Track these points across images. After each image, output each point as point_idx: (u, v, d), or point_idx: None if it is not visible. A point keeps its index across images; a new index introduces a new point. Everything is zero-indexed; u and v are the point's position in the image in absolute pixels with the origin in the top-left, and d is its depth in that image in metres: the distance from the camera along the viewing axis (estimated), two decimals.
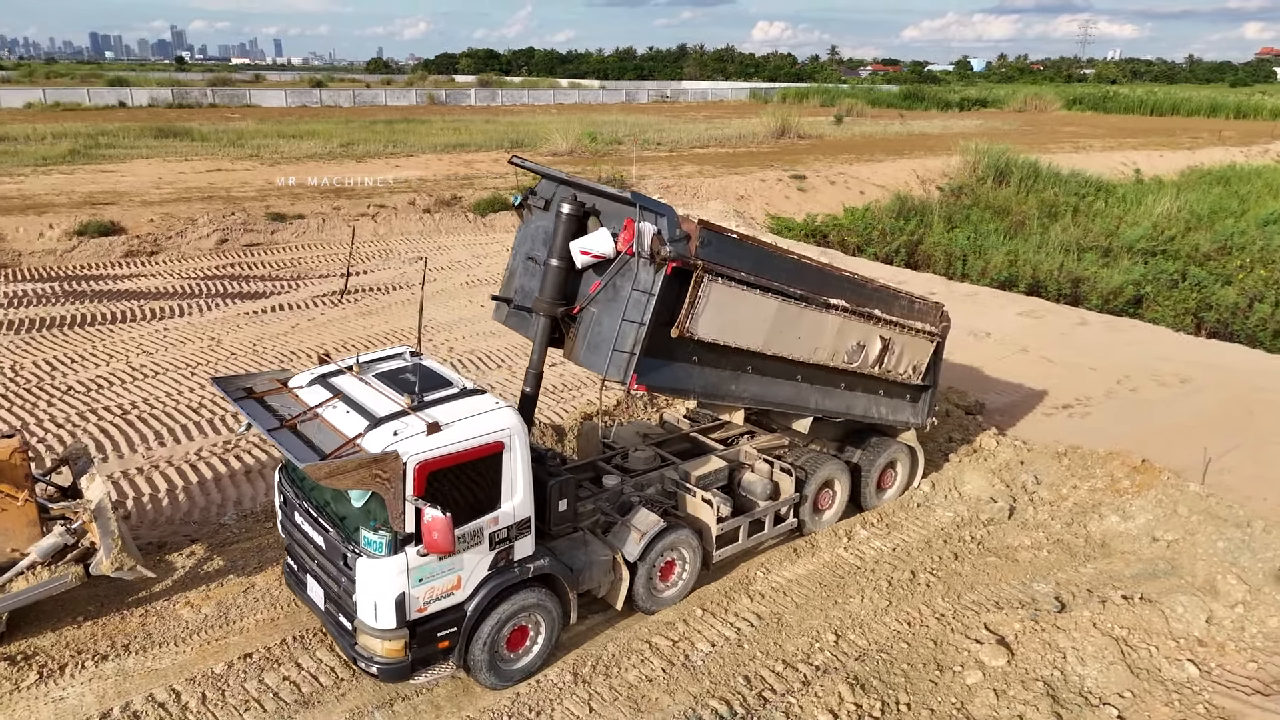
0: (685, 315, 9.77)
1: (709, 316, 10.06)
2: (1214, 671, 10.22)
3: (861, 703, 9.28)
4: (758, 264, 10.53)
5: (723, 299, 10.13)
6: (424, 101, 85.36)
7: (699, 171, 43.11)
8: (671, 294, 9.68)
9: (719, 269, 9.98)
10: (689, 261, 9.60)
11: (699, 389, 10.52)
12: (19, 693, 9.10)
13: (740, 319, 10.44)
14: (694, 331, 9.96)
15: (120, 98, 74.34)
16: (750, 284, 10.36)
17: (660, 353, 9.87)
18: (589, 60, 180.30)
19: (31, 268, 26.58)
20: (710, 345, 10.31)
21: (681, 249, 9.55)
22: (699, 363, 10.34)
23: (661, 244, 9.39)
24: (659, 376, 9.92)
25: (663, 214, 9.59)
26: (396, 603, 8.35)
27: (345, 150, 47.78)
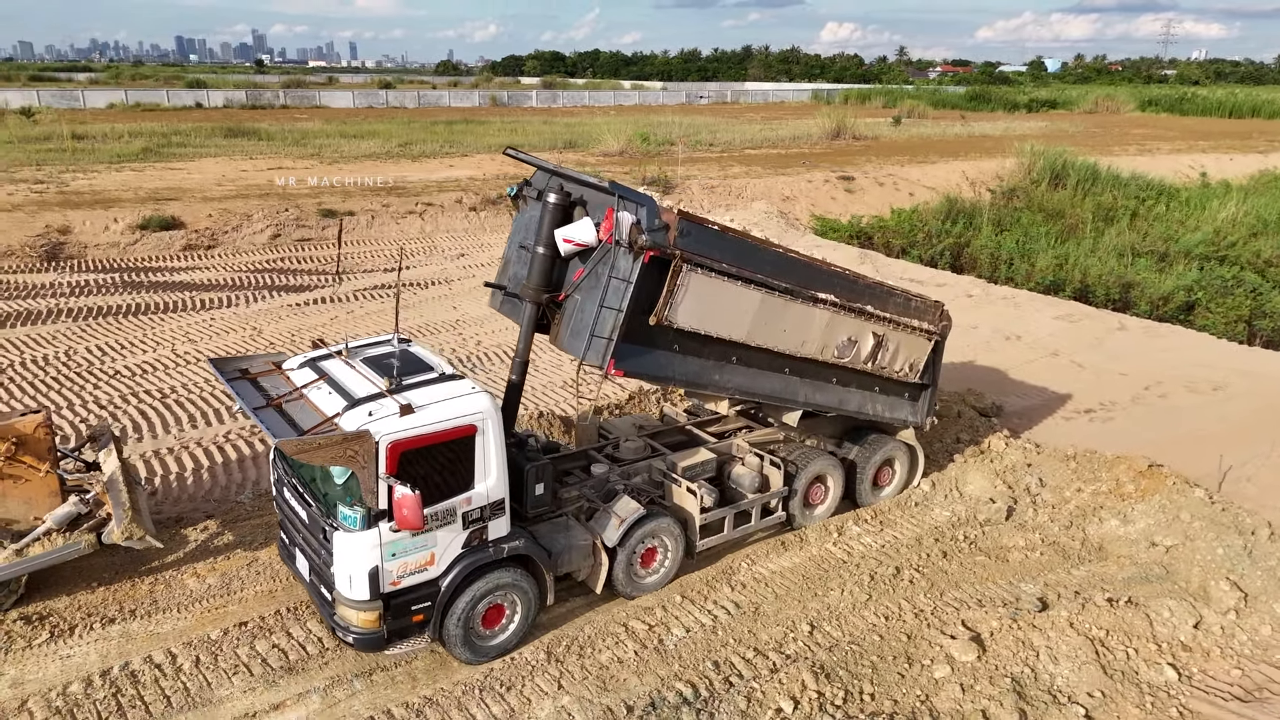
0: (664, 304, 10.03)
1: (688, 306, 10.30)
2: (1195, 677, 10.12)
3: (824, 691, 9.43)
4: (740, 256, 10.73)
5: (703, 289, 10.36)
6: (486, 103, 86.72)
7: (746, 172, 43.18)
8: (650, 282, 9.95)
9: (698, 259, 10.22)
10: (667, 251, 9.86)
11: (680, 377, 10.76)
12: (30, 649, 9.79)
13: (722, 309, 10.65)
14: (673, 320, 10.21)
15: (197, 99, 77.08)
16: (732, 275, 10.56)
17: (640, 339, 10.14)
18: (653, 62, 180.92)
19: (96, 259, 27.93)
20: (691, 334, 10.54)
21: (660, 238, 9.82)
22: (680, 351, 10.58)
23: (640, 233, 9.68)
24: (638, 363, 10.20)
25: (642, 204, 9.88)
26: (370, 575, 8.80)
27: (403, 150, 48.94)
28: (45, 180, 36.37)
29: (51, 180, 36.43)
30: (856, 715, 9.15)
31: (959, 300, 25.71)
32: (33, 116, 58.51)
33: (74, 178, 37.26)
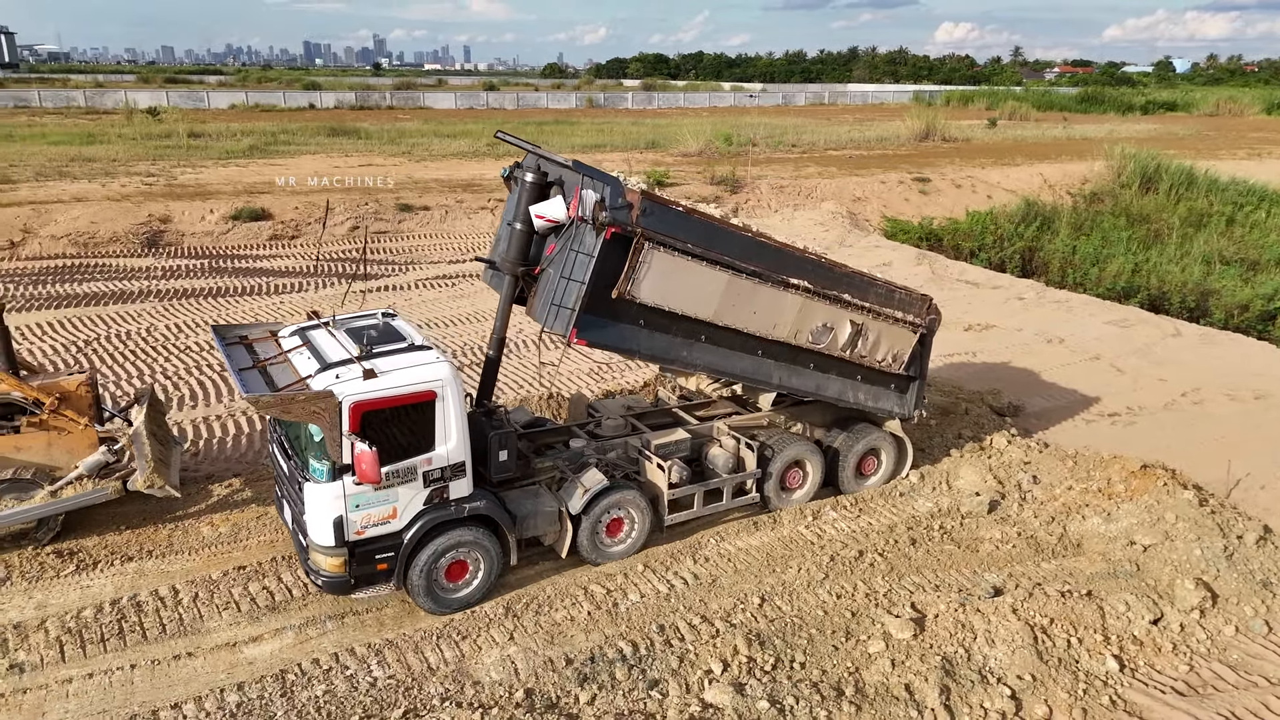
0: (625, 279, 10.66)
1: (651, 282, 10.89)
2: (1140, 669, 10.19)
3: (756, 657, 9.90)
4: (707, 237, 11.25)
5: (666, 267, 10.93)
6: (583, 105, 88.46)
7: (820, 173, 43.16)
8: (614, 258, 10.59)
9: (661, 237, 10.79)
10: (628, 228, 10.49)
11: (646, 351, 11.36)
12: (58, 579, 11.13)
13: (686, 288, 11.19)
14: (636, 295, 10.82)
15: (311, 100, 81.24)
16: (696, 255, 11.09)
17: (604, 312, 10.79)
18: (756, 64, 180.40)
19: (190, 246, 30.18)
20: (657, 310, 11.11)
21: (622, 216, 10.46)
22: (646, 326, 11.17)
23: (602, 210, 10.34)
24: (601, 334, 10.86)
25: (607, 184, 10.56)
26: (335, 524, 9.73)
27: (489, 149, 50.65)
28: (157, 174, 39.31)
29: (162, 174, 39.34)
30: (782, 681, 9.59)
31: (1009, 303, 25.42)
32: (158, 116, 62.88)
33: (183, 172, 40.14)
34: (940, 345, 20.82)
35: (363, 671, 9.66)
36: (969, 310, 24.51)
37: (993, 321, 23.47)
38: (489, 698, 9.24)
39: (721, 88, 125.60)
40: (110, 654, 9.86)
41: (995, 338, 22.24)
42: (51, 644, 9.93)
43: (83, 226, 30.07)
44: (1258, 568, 11.78)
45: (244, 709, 9.04)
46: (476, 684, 9.49)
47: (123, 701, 9.16)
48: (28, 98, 74.90)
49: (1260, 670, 10.29)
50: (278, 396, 9.23)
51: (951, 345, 21.47)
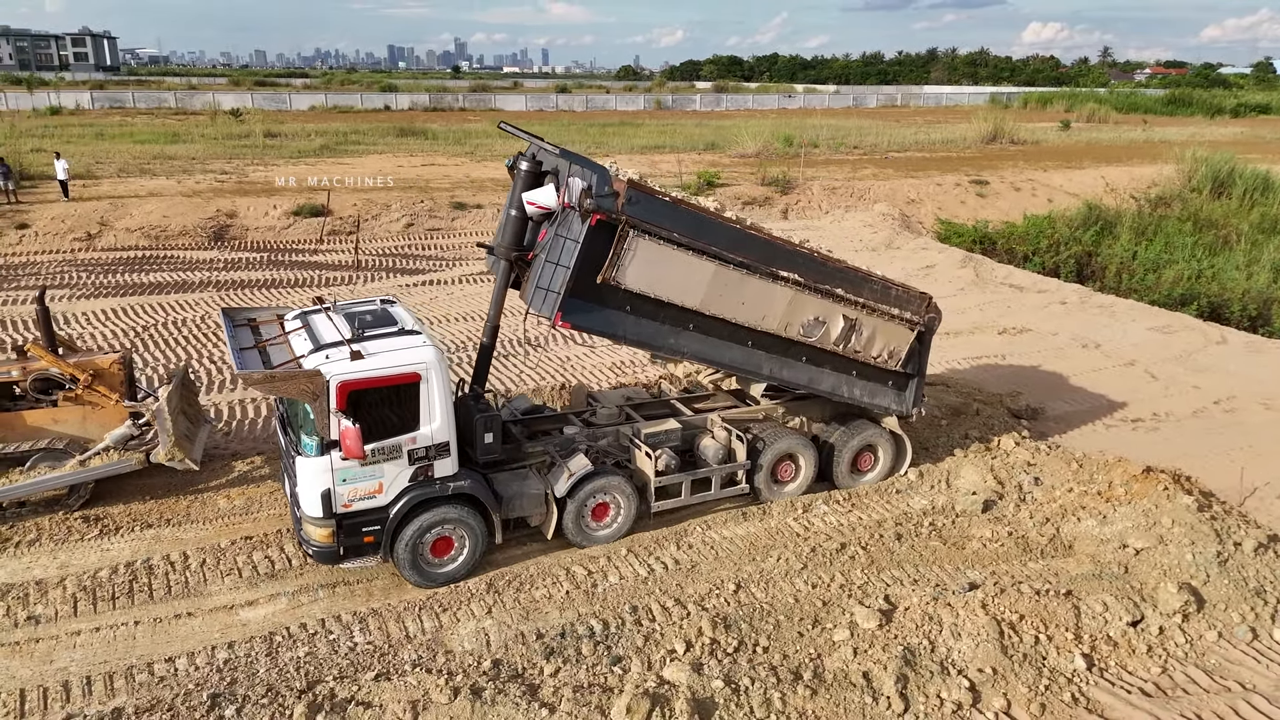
0: (610, 265, 11.02)
1: (637, 269, 11.23)
2: (1109, 669, 10.16)
3: (719, 639, 10.17)
4: (695, 228, 11.54)
5: (651, 255, 11.25)
6: (651, 106, 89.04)
7: (875, 175, 42.83)
8: (600, 244, 10.96)
9: (646, 226, 11.12)
10: (613, 215, 10.85)
11: (633, 337, 11.70)
12: (82, 542, 12.00)
13: (672, 276, 11.48)
14: (621, 281, 11.17)
15: (386, 102, 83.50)
16: (682, 244, 11.38)
17: (591, 297, 11.17)
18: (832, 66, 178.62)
19: (253, 240, 31.57)
20: (643, 297, 11.43)
21: (607, 203, 10.84)
22: (632, 312, 11.50)
23: (587, 197, 10.74)
24: (586, 318, 11.24)
25: (595, 172, 10.95)
26: (323, 496, 10.33)
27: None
28: (230, 171, 41.13)
29: (235, 171, 41.14)
30: (742, 663, 9.83)
31: (1050, 307, 25.00)
32: (240, 117, 65.54)
33: (255, 169, 41.89)
34: (970, 348, 20.81)
35: (345, 636, 10.24)
36: (1006, 314, 24.21)
37: (1029, 325, 23.14)
38: (457, 665, 9.71)
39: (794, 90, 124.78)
40: (118, 611, 10.63)
41: (1028, 341, 21.94)
42: (67, 600, 10.75)
43: (155, 220, 31.72)
44: (1253, 575, 11.56)
45: (230, 665, 9.69)
46: (449, 653, 9.97)
47: (123, 654, 9.90)
48: (123, 99, 78.76)
49: (1237, 675, 10.15)
50: (266, 373, 9.87)
51: (982, 348, 21.31)
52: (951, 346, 21.37)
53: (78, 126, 58.78)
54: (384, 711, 8.90)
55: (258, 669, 9.61)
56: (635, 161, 47.00)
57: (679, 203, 11.73)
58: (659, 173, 42.65)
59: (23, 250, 29.29)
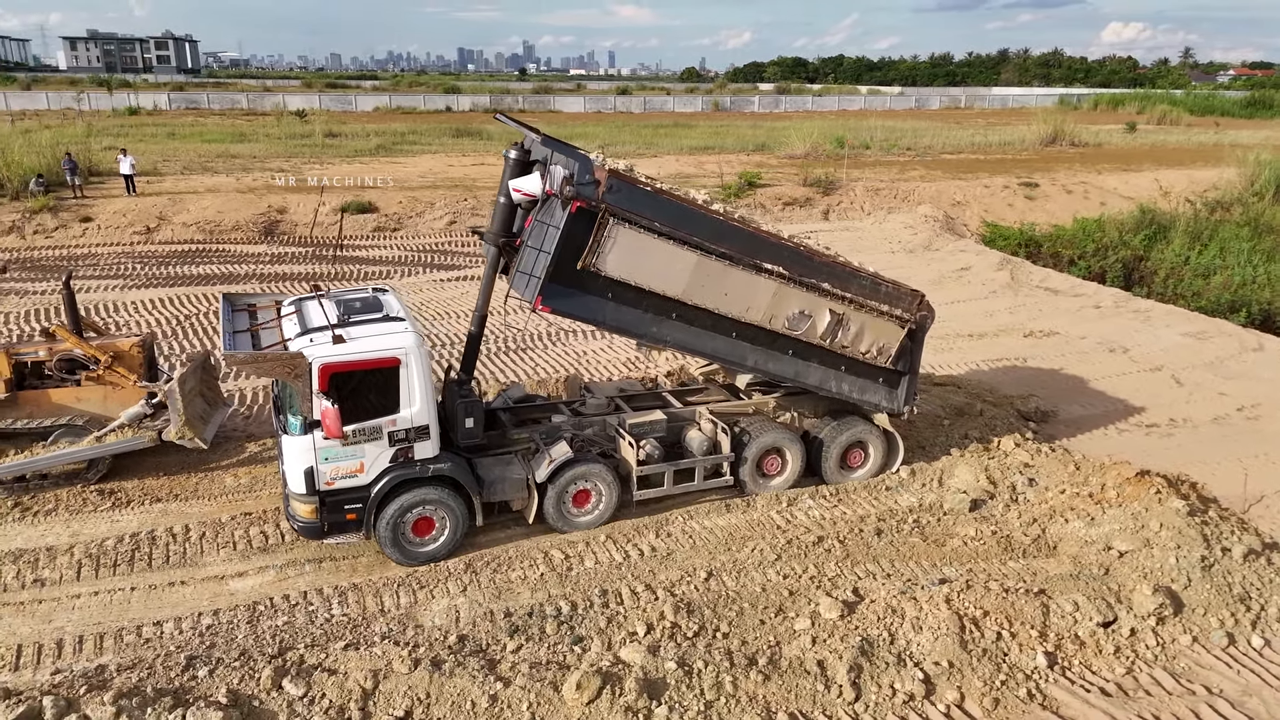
0: (590, 251, 11.31)
1: (617, 257, 11.48)
2: (1073, 667, 10.12)
3: (681, 623, 10.38)
4: (676, 218, 11.74)
5: (632, 243, 11.49)
6: (709, 108, 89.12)
7: (922, 176, 42.34)
8: (580, 231, 11.25)
9: (627, 214, 11.37)
10: (593, 203, 11.14)
11: (614, 324, 11.96)
12: (95, 513, 12.74)
13: (653, 265, 11.70)
14: (601, 268, 11.44)
15: (448, 103, 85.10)
16: (663, 234, 11.59)
17: (572, 283, 11.46)
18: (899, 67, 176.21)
19: (301, 236, 32.62)
20: (625, 285, 11.68)
21: (587, 191, 11.13)
22: (614, 299, 11.76)
23: (568, 184, 11.05)
24: (567, 303, 11.55)
25: (577, 160, 11.27)
26: (306, 474, 10.82)
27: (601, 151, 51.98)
28: (286, 169, 42.48)
29: (291, 169, 42.47)
30: (699, 647, 10.02)
31: (1083, 311, 24.54)
32: (304, 117, 67.52)
33: (310, 167, 43.20)
34: (992, 350, 20.62)
35: (324, 608, 10.72)
36: (1037, 317, 23.84)
37: (1058, 329, 22.76)
38: (424, 639, 10.09)
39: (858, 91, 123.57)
40: (117, 577, 11.29)
41: (1054, 345, 21.60)
42: (72, 565, 11.45)
43: (210, 215, 33.01)
44: (1239, 581, 11.35)
45: (212, 630, 10.24)
46: (418, 627, 10.37)
47: (116, 617, 10.52)
48: (198, 100, 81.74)
49: (1205, 680, 10.02)
50: (250, 354, 10.40)
51: (1004, 350, 21.07)
52: (972, 348, 21.19)
53: (152, 126, 61.26)
54: (347, 679, 9.31)
55: (237, 635, 10.12)
56: (682, 161, 47.26)
57: (661, 193, 11.93)
58: (703, 173, 42.85)
59: (85, 242, 30.77)
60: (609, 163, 12.34)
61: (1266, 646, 10.60)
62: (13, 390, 13.49)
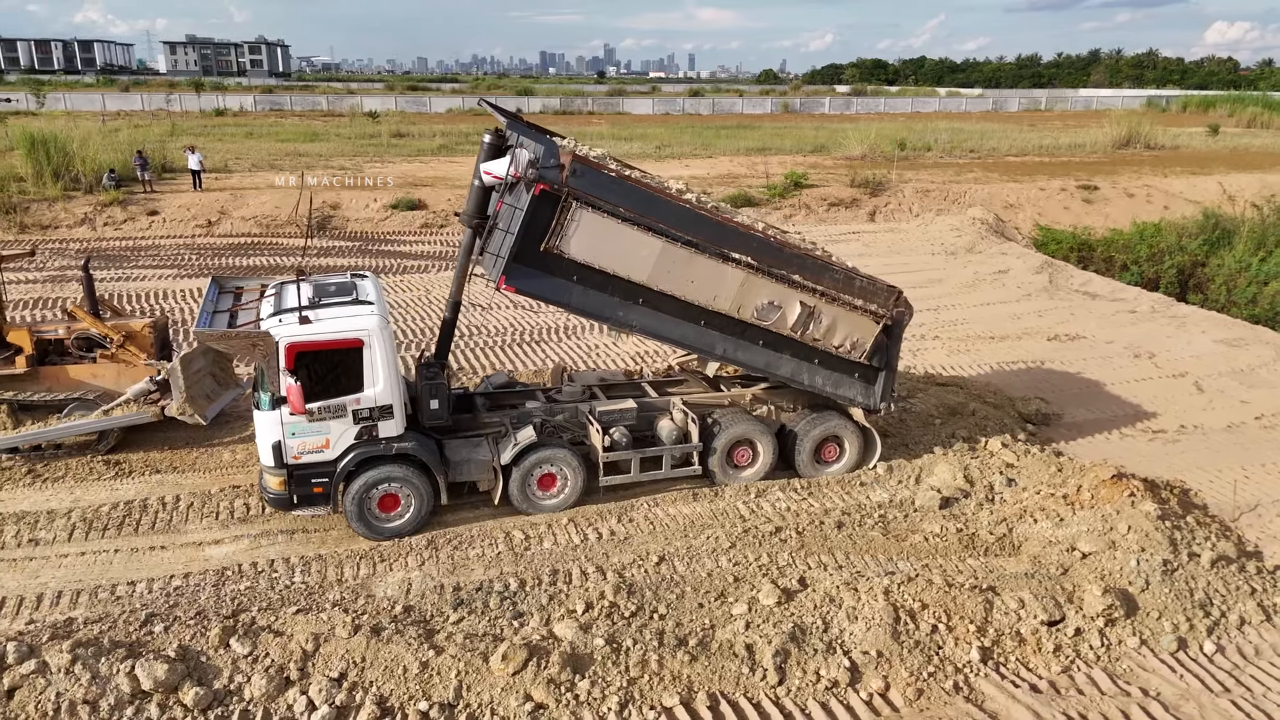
0: (553, 234, 11.65)
1: (581, 240, 11.78)
2: (1008, 663, 10.08)
3: (620, 602, 10.61)
4: (642, 204, 11.98)
5: (595, 227, 11.77)
6: (778, 110, 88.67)
7: (976, 179, 41.53)
8: (544, 214, 11.59)
9: (590, 199, 11.65)
10: (556, 186, 11.46)
11: (579, 306, 12.27)
12: (98, 481, 13.60)
13: (618, 250, 11.95)
14: (565, 250, 11.76)
15: (518, 105, 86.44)
16: (627, 219, 11.84)
17: (537, 264, 11.81)
18: (983, 69, 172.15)
19: (352, 231, 33.78)
20: (589, 268, 11.97)
21: (551, 175, 11.46)
22: (579, 282, 12.06)
23: (532, 168, 11.41)
24: (531, 284, 11.90)
25: (542, 144, 11.62)
26: (274, 447, 11.41)
27: (657, 151, 52.38)
28: (348, 167, 43.93)
29: (353, 167, 43.92)
30: (632, 626, 10.23)
31: (1117, 315, 23.87)
32: (376, 118, 69.54)
33: (372, 166, 44.58)
34: (1010, 353, 20.31)
35: (286, 576, 11.29)
36: (1067, 321, 23.29)
37: (1085, 333, 22.21)
38: (372, 608, 10.54)
39: (936, 93, 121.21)
40: (105, 540, 12.07)
41: (1077, 349, 21.10)
42: (67, 528, 12.27)
43: (267, 210, 34.40)
44: (1202, 587, 11.07)
45: (179, 591, 10.89)
46: (369, 597, 10.84)
47: (96, 576, 11.27)
48: (281, 102, 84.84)
49: (1144, 683, 9.85)
50: (219, 332, 11.04)
51: (1023, 353, 20.69)
52: (990, 350, 20.85)
53: (233, 126, 63.94)
54: (290, 640, 9.81)
55: (200, 596, 10.75)
56: (735, 162, 47.27)
57: (626, 178, 12.17)
58: (753, 173, 42.79)
59: (150, 234, 32.43)
60: (581, 149, 12.68)
61: (1219, 653, 10.34)
62: (35, 365, 14.46)
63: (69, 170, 35.27)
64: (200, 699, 9.21)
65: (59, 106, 70.90)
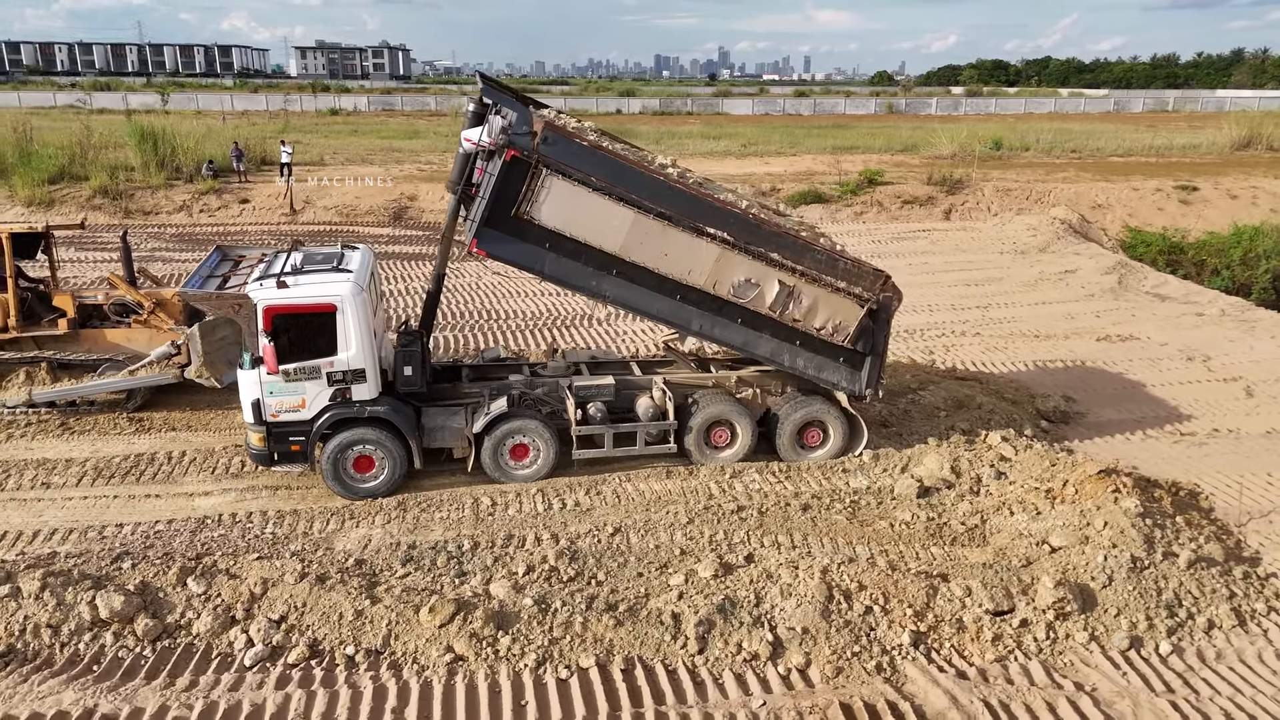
0: (523, 199, 11.93)
1: (552, 207, 12.01)
2: (942, 649, 9.84)
3: (560, 567, 10.81)
4: (613, 174, 12.11)
5: (566, 195, 11.98)
6: (881, 110, 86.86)
7: (1067, 178, 39.82)
8: (516, 180, 11.88)
9: (561, 166, 11.87)
10: (526, 153, 11.73)
11: (552, 274, 12.51)
12: (119, 435, 14.63)
13: (590, 218, 12.12)
14: (535, 217, 12.02)
15: (619, 106, 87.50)
16: (598, 188, 12.00)
17: (510, 230, 12.13)
18: (1113, 69, 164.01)
19: (425, 221, 34.95)
20: (561, 236, 12.18)
21: (522, 141, 11.75)
22: (551, 249, 12.30)
23: (504, 134, 11.72)
24: (503, 249, 12.24)
25: (516, 111, 11.91)
26: (253, 405, 12.06)
27: (743, 149, 52.23)
28: (434, 161, 45.43)
29: (442, 163, 45.36)
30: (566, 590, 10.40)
31: (1182, 318, 22.59)
32: None
33: None
34: (1052, 351, 19.63)
35: (259, 527, 11.91)
36: (1122, 322, 22.18)
37: (1139, 334, 21.11)
38: (326, 559, 11.02)
39: (1059, 94, 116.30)
40: (107, 487, 12.99)
41: (1126, 350, 20.08)
42: (78, 475, 13.27)
43: (349, 200, 35.97)
44: (1172, 587, 10.50)
45: (158, 534, 11.64)
46: (328, 550, 11.34)
47: (92, 518, 12.15)
48: (393, 103, 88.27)
49: (1082, 677, 9.44)
50: (201, 293, 11.76)
51: (1065, 352, 19.87)
52: (1029, 348, 20.08)
53: (342, 125, 66.94)
54: (241, 583, 10.38)
55: (175, 541, 11.46)
56: (819, 160, 46.64)
57: (598, 147, 12.32)
58: (832, 170, 42.14)
59: (241, 221, 34.36)
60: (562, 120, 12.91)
61: (1174, 654, 9.81)
62: (76, 328, 15.64)
63: (173, 161, 37.72)
64: (150, 630, 9.87)
65: (191, 106, 75.58)
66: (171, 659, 9.60)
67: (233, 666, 9.50)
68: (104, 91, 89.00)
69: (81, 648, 9.66)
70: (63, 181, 35.46)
